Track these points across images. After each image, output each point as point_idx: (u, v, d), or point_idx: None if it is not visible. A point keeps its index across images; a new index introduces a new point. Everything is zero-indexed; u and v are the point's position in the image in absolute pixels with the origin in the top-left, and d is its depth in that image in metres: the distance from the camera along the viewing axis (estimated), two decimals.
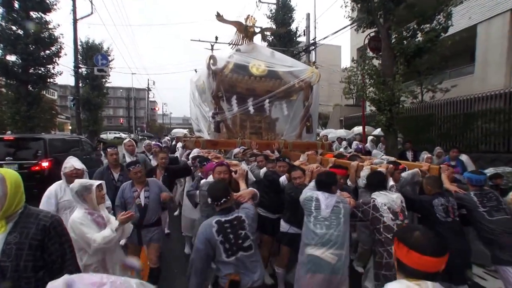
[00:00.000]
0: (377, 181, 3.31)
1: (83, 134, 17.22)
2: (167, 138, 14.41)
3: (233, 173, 3.46)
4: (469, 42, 13.50)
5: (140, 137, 37.36)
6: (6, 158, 8.05)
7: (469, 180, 3.63)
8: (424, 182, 3.67)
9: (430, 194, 3.44)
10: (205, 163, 4.12)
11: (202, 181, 3.70)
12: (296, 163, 4.51)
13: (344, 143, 11.28)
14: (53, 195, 3.30)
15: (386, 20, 8.80)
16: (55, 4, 13.72)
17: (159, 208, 3.79)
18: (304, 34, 15.98)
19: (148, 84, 45.93)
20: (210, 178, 3.51)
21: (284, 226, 3.68)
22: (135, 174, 3.63)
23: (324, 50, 19.69)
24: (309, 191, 3.13)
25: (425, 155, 6.92)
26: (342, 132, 16.24)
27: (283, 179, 3.91)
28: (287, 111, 7.69)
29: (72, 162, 3.46)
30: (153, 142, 8.23)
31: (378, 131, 12.35)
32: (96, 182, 2.83)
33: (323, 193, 3.02)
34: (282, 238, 3.75)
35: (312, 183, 3.30)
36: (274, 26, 18.74)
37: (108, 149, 4.73)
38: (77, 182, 2.82)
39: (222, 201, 2.50)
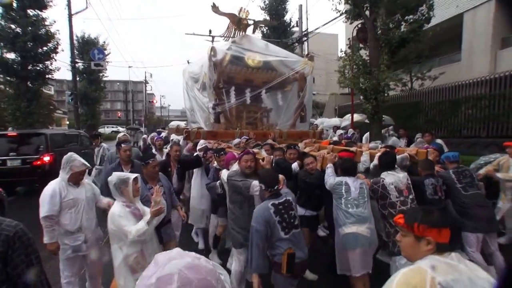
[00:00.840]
0: (388, 162, 3.65)
1: (81, 128, 17.59)
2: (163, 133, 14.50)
3: (260, 161, 3.64)
4: (457, 30, 13.85)
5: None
6: (10, 154, 8.42)
7: (447, 158, 4.11)
8: (419, 165, 4.04)
9: (422, 175, 3.84)
10: (222, 153, 4.25)
11: (227, 171, 3.73)
12: (306, 149, 4.87)
13: (339, 131, 11.65)
14: (57, 193, 3.12)
15: (372, 12, 9.15)
16: (51, 1, 14.05)
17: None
18: (297, 25, 16.26)
19: (145, 77, 45.91)
20: (234, 167, 3.63)
21: (300, 211, 3.81)
22: (154, 168, 3.46)
23: (320, 39, 19.86)
24: (335, 177, 3.52)
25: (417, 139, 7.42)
26: (336, 121, 16.65)
27: (295, 166, 4.19)
28: (282, 102, 7.92)
29: (80, 159, 3.27)
30: (156, 136, 8.28)
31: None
32: (132, 175, 2.90)
33: (350, 177, 3.43)
34: (301, 221, 4.08)
35: (331, 169, 3.67)
36: (268, 17, 19.01)
37: (122, 145, 4.59)
38: (115, 176, 2.88)
39: (275, 187, 2.82)
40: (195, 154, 5.17)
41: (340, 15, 10.05)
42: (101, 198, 3.50)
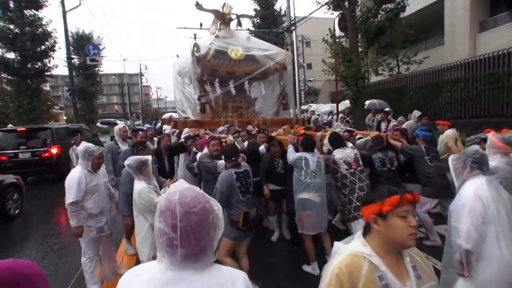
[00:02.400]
0: (334, 140, 4.18)
1: (80, 123, 18.17)
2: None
3: (223, 143, 4.30)
4: (441, 15, 14.34)
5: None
6: (21, 147, 9.14)
7: (424, 137, 4.64)
8: (371, 141, 4.66)
9: (373, 150, 4.45)
10: (197, 138, 4.89)
11: (199, 153, 4.43)
12: (273, 134, 5.48)
13: (314, 116, 12.12)
14: (83, 180, 3.34)
15: (350, 3, 9.68)
16: (46, 0, 14.54)
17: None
18: (285, 15, 16.69)
19: (140, 69, 46.10)
20: (205, 151, 4.29)
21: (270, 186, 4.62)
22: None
23: (317, 24, 19.96)
24: (295, 153, 4.05)
25: (393, 123, 8.09)
26: (328, 107, 17.20)
27: (261, 148, 4.81)
28: (265, 91, 8.38)
29: (93, 146, 3.52)
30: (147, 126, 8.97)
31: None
32: (148, 157, 3.36)
33: (308, 153, 3.94)
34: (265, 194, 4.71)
35: (291, 148, 4.21)
36: (257, 7, 19.38)
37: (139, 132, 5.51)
38: (133, 159, 3.28)
39: (233, 159, 3.39)
40: (179, 141, 5.85)
41: (321, 6, 10.54)
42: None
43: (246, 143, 5.14)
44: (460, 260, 2.25)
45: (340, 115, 11.80)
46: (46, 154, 9.07)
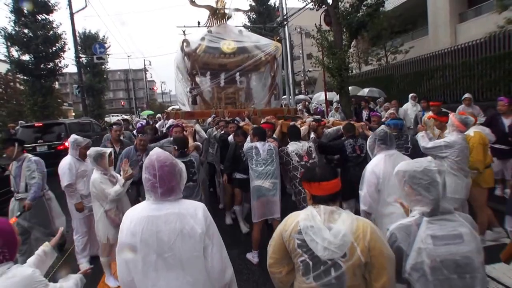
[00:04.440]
0: (291, 133, 4.28)
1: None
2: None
3: (184, 131, 4.69)
4: (425, 6, 15.10)
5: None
6: (38, 141, 10.18)
7: (394, 125, 4.44)
8: (342, 128, 4.71)
9: (346, 136, 4.46)
10: (172, 127, 5.27)
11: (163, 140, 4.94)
12: (241, 123, 5.80)
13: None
14: (73, 166, 3.98)
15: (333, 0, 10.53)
16: (56, 5, 15.76)
17: None
18: (277, 10, 17.53)
19: (145, 65, 47.16)
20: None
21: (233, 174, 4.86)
22: (140, 141, 4.60)
23: (315, 16, 20.54)
24: (247, 144, 4.21)
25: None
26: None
27: (230, 138, 5.03)
28: (256, 82, 8.67)
29: (80, 137, 4.14)
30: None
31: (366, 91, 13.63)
32: (108, 150, 3.61)
33: (259, 142, 4.09)
34: (233, 183, 4.96)
35: (249, 138, 4.34)
36: (253, 3, 20.19)
37: (114, 126, 5.81)
38: (93, 150, 3.54)
39: (182, 150, 3.70)
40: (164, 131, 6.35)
41: (307, 4, 11.37)
42: None
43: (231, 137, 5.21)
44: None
45: (335, 104, 12.56)
46: (61, 147, 9.99)
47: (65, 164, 4.00)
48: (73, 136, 4.15)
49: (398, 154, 2.95)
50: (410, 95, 8.67)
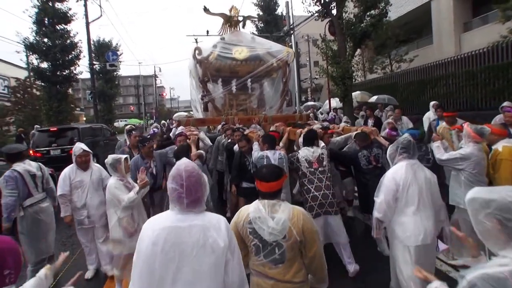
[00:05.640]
0: (307, 138, 4.04)
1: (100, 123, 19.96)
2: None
3: (188, 140, 4.62)
4: (430, 16, 15.35)
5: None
6: (52, 145, 10.53)
7: (412, 135, 4.05)
8: (355, 137, 4.44)
9: (359, 147, 4.17)
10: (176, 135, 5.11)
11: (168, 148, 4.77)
12: (247, 131, 5.53)
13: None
14: (67, 177, 3.76)
15: (337, 11, 10.90)
16: (74, 15, 16.60)
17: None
18: (284, 19, 17.95)
19: (155, 71, 48.04)
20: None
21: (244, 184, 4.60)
22: (148, 148, 4.44)
23: (322, 24, 20.63)
24: (258, 152, 4.13)
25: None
26: (333, 104, 18.11)
27: (236, 147, 4.99)
28: (268, 88, 8.54)
29: (79, 146, 3.86)
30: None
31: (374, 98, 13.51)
32: (123, 156, 3.57)
33: (269, 151, 4.01)
34: (238, 192, 4.74)
35: (256, 146, 4.29)
36: (261, 13, 20.67)
37: (133, 132, 5.92)
38: (110, 157, 3.51)
39: (179, 159, 3.48)
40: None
41: (312, 15, 11.76)
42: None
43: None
44: (374, 225, 2.85)
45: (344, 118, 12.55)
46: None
47: (62, 173, 3.87)
48: (78, 144, 3.99)
49: (419, 164, 2.84)
50: (432, 103, 7.99)
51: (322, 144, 4.21)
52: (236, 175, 4.73)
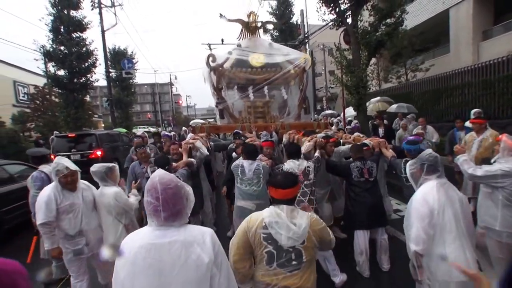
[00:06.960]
0: (291, 151, 3.98)
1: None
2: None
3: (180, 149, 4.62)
4: (447, 24, 15.10)
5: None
6: (72, 150, 10.91)
7: (408, 151, 3.80)
8: (349, 149, 4.35)
9: (353, 159, 4.06)
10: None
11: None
12: (248, 140, 5.34)
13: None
14: (52, 200, 3.05)
15: (352, 19, 10.84)
16: (90, 23, 16.95)
17: None
18: (299, 28, 18.01)
19: (171, 79, 48.88)
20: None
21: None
22: (141, 154, 4.78)
23: (337, 32, 20.45)
24: (236, 161, 4.06)
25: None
26: (351, 112, 17.72)
27: (234, 154, 5.05)
28: (286, 96, 8.22)
29: (63, 163, 3.11)
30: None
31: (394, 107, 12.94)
32: (111, 164, 3.45)
33: (247, 160, 3.91)
34: (228, 195, 4.71)
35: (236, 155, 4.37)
36: (275, 21, 20.81)
37: (137, 149, 5.42)
38: (99, 166, 3.36)
39: (159, 167, 3.33)
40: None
41: (326, 24, 11.73)
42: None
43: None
44: (413, 264, 2.34)
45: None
46: (92, 156, 10.70)
47: (43, 196, 3.08)
48: (56, 161, 3.18)
49: (449, 184, 2.48)
50: (473, 111, 7.27)
51: (316, 155, 4.11)
52: (228, 179, 4.65)
